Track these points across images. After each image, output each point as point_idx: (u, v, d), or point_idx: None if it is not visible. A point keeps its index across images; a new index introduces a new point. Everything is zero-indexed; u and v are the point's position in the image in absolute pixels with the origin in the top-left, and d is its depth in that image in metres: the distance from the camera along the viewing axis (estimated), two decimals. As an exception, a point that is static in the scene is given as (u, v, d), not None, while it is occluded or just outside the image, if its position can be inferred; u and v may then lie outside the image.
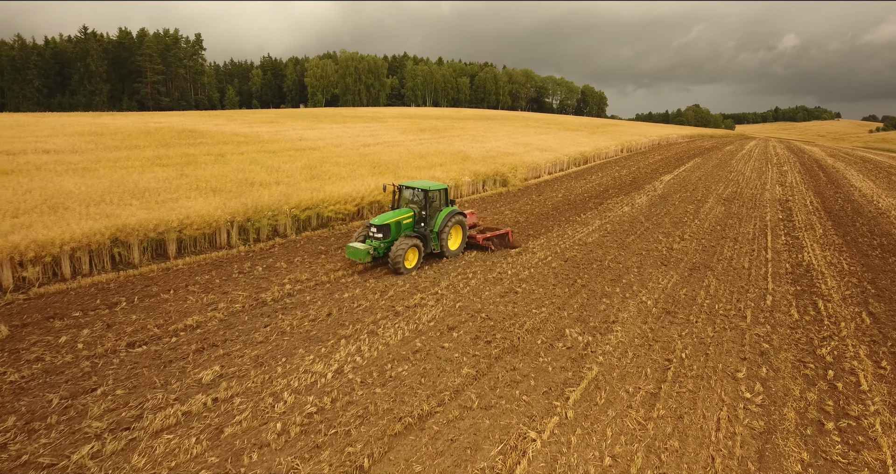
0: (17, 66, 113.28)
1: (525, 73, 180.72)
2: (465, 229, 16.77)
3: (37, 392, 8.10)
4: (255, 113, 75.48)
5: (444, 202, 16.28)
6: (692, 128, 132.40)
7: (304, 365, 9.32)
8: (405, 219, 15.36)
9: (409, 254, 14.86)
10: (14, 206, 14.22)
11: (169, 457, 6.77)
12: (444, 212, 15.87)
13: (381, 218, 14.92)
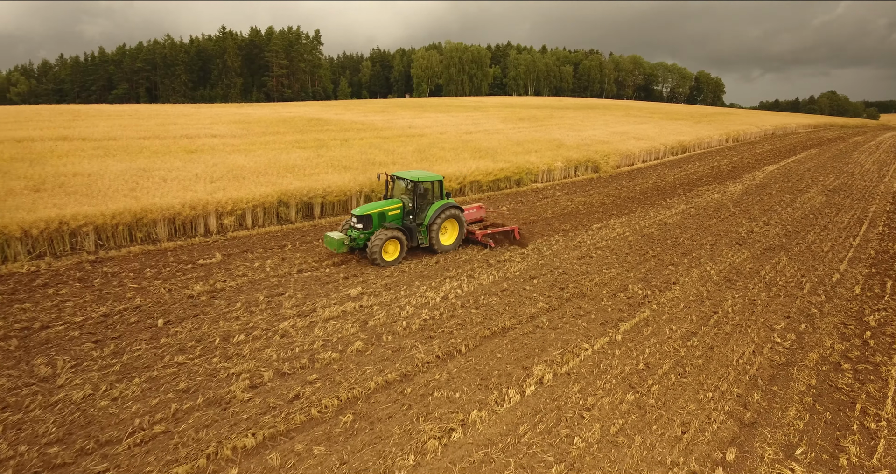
0: (168, 62, 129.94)
1: (633, 60, 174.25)
2: (462, 224, 16.01)
3: (248, 292, 12.14)
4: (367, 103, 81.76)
5: (439, 195, 15.68)
6: (820, 118, 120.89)
7: (419, 292, 12.63)
8: (391, 210, 14.92)
9: (389, 246, 14.50)
10: (209, 175, 19.08)
11: (335, 333, 10.32)
12: (436, 204, 15.24)
13: (364, 208, 14.65)
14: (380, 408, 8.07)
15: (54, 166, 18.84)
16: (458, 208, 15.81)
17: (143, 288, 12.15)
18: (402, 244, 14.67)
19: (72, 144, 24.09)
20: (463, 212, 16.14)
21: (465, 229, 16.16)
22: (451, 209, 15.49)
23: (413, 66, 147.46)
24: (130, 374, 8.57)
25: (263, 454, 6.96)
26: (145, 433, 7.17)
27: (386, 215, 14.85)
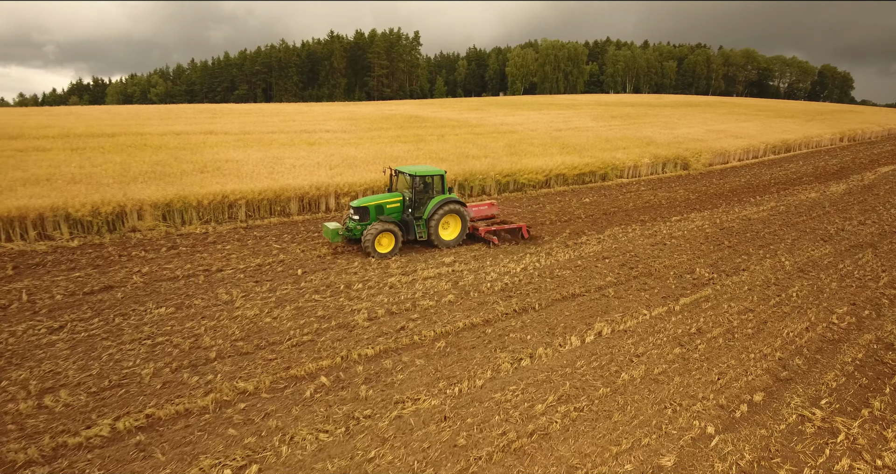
0: (282, 65, 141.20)
1: (745, 54, 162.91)
2: (465, 220, 16.03)
3: (363, 256, 14.91)
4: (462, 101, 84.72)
5: (441, 189, 15.80)
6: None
7: (503, 264, 14.73)
8: (389, 204, 15.21)
9: (383, 239, 14.77)
10: (328, 163, 22.45)
11: (431, 288, 12.70)
12: (437, 199, 15.37)
13: (362, 200, 15.11)
14: (465, 341, 10.31)
15: (209, 154, 23.14)
16: (460, 203, 15.81)
17: (283, 248, 15.35)
18: (397, 237, 14.89)
19: (217, 137, 28.83)
20: (465, 208, 16.09)
21: (468, 224, 16.17)
22: (451, 204, 15.49)
23: (508, 64, 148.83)
24: (283, 304, 11.51)
25: (379, 360, 9.44)
26: (297, 339, 9.95)
27: (384, 208, 15.12)
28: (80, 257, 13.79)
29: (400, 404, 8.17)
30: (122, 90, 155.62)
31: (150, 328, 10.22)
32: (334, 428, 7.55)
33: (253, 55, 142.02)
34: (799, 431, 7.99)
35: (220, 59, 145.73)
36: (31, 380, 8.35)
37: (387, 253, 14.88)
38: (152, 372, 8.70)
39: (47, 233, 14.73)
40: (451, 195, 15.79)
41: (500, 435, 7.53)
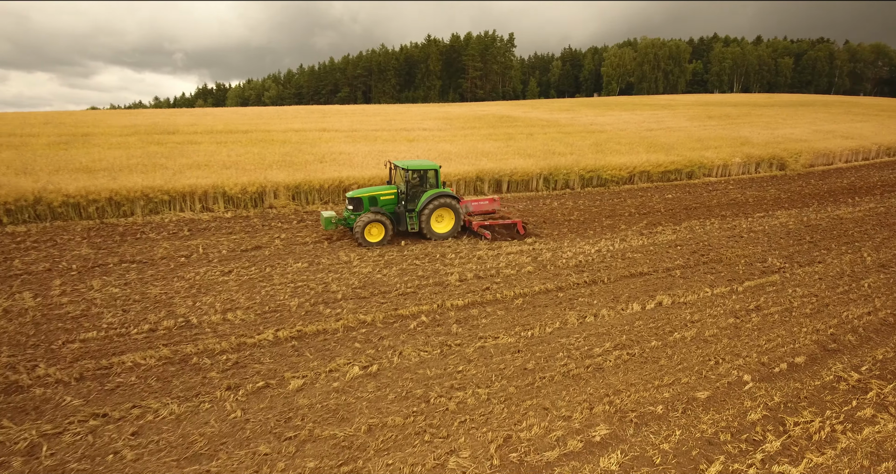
0: (381, 68, 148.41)
1: (875, 49, 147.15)
2: (458, 214, 16.53)
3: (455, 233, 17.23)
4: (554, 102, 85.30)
5: (434, 183, 16.33)
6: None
7: (578, 246, 16.39)
8: (383, 195, 15.91)
9: (373, 229, 15.51)
10: (426, 156, 25.12)
11: (513, 261, 14.69)
12: (429, 193, 15.92)
13: (357, 191, 15.96)
14: (539, 300, 12.23)
15: (325, 147, 26.72)
16: (453, 197, 16.31)
17: (388, 225, 18.11)
18: (387, 227, 15.59)
19: (330, 134, 32.69)
20: (458, 202, 16.60)
21: (461, 219, 16.70)
22: (442, 198, 16.00)
23: (604, 64, 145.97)
24: (390, 266, 14.10)
25: (467, 309, 11.64)
26: (402, 290, 12.42)
27: (378, 199, 15.83)
28: (234, 225, 17.37)
29: (482, 339, 10.31)
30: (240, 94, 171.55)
31: (291, 276, 13.19)
32: (431, 349, 9.84)
33: (355, 59, 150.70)
34: (832, 387, 9.10)
35: (326, 63, 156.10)
36: (216, 303, 11.48)
37: (376, 242, 15.62)
38: (297, 304, 11.54)
39: (208, 206, 18.53)
40: (445, 189, 16.38)
41: (561, 365, 9.43)
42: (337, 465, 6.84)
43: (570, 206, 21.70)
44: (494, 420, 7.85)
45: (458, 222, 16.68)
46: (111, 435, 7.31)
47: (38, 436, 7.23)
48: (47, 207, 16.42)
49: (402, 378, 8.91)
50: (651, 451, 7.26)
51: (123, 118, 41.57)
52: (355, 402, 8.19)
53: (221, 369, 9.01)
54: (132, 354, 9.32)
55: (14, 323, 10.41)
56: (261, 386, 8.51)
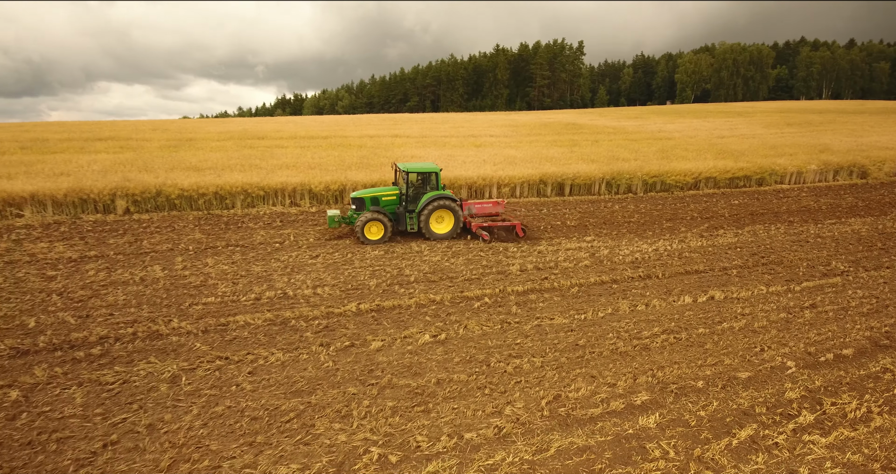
0: (449, 77, 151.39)
1: None
2: (458, 215, 16.93)
3: (517, 231, 18.40)
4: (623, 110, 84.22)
5: (435, 185, 16.93)
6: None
7: (636, 244, 17.09)
8: (385, 196, 16.68)
9: (372, 227, 16.28)
10: (492, 160, 26.46)
11: (571, 256, 15.65)
12: (429, 194, 16.54)
13: (360, 192, 16.90)
14: (594, 290, 13.17)
15: (398, 151, 28.68)
16: (452, 200, 16.75)
17: (455, 222, 19.56)
18: (386, 226, 16.33)
19: (401, 139, 34.78)
20: (458, 204, 16.99)
21: (460, 220, 17.11)
22: (441, 200, 16.55)
23: (678, 71, 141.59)
24: (457, 256, 15.50)
25: (526, 295, 12.78)
26: (468, 276, 13.76)
27: (380, 200, 16.64)
28: (318, 218, 19.45)
29: (539, 319, 11.43)
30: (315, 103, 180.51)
31: (370, 261, 14.90)
32: (493, 325, 11.10)
33: (424, 70, 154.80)
34: (876, 377, 9.48)
35: (396, 73, 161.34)
36: (307, 280, 13.32)
37: (376, 240, 16.34)
38: (375, 284, 13.16)
39: (296, 201, 20.77)
40: (444, 192, 16.88)
41: (610, 343, 10.39)
42: (411, 406, 8.23)
43: (631, 210, 22.26)
44: (546, 382, 8.98)
45: (457, 223, 17.09)
46: (233, 372, 9.10)
47: (178, 370, 9.14)
48: (165, 199, 19.17)
49: (466, 345, 10.22)
50: (688, 416, 8.12)
51: (218, 126, 45.92)
52: (426, 362, 9.58)
53: (315, 331, 10.70)
54: (243, 316, 11.22)
55: (150, 288, 12.69)
56: (347, 345, 10.10)
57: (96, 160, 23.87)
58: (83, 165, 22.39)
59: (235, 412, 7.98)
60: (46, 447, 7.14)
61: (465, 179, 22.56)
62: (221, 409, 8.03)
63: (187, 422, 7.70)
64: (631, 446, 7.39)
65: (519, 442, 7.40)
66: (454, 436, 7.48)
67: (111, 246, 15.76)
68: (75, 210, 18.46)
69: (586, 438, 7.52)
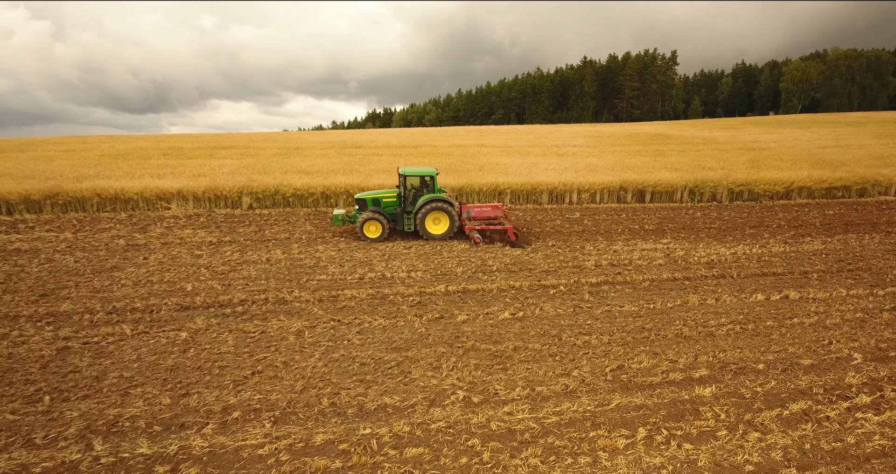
0: (535, 90, 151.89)
1: None
2: (453, 217, 17.69)
3: (592, 232, 19.30)
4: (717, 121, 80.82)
5: (431, 188, 17.83)
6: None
7: (713, 248, 17.45)
8: (386, 198, 17.87)
9: (370, 226, 17.48)
10: (573, 168, 27.42)
11: (646, 255, 16.40)
12: (425, 196, 17.48)
13: (363, 194, 18.10)
14: (665, 285, 13.95)
15: (483, 159, 30.43)
16: (446, 202, 17.59)
17: (538, 221, 20.81)
18: (383, 225, 17.49)
19: (486, 148, 36.54)
20: (451, 206, 17.71)
21: (456, 221, 17.89)
22: (436, 202, 17.44)
23: (783, 79, 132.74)
24: (536, 251, 16.82)
25: (599, 286, 13.84)
26: (545, 268, 15.03)
27: (380, 201, 17.86)
28: (410, 217, 21.54)
29: (609, 306, 12.48)
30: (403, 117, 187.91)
31: (456, 253, 16.60)
32: (566, 308, 12.31)
33: (510, 83, 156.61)
34: (950, 373, 9.63)
35: (482, 87, 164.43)
36: (402, 266, 15.24)
37: (374, 238, 17.54)
38: (461, 271, 14.81)
39: (390, 202, 23.03)
40: (439, 194, 17.80)
41: (676, 329, 11.24)
42: (491, 365, 9.69)
43: (713, 216, 22.33)
44: (612, 355, 10.09)
45: (453, 224, 17.88)
46: (344, 331, 11.06)
47: (301, 327, 11.24)
48: (282, 197, 22.13)
49: (540, 323, 11.53)
50: (743, 390, 8.91)
51: (319, 137, 50.33)
52: (505, 333, 11.02)
53: (409, 305, 12.50)
54: (349, 290, 13.28)
55: (274, 267, 15.18)
56: (437, 317, 11.78)
57: (224, 164, 27.72)
58: (214, 168, 26.17)
59: (348, 358, 9.87)
60: (211, 371, 9.37)
61: (545, 185, 23.77)
62: (337, 356, 9.96)
63: (312, 363, 9.68)
64: (685, 408, 8.37)
65: (583, 398, 8.62)
66: (527, 388, 8.86)
67: (240, 233, 18.69)
68: (210, 204, 21.85)
69: (644, 399, 8.59)
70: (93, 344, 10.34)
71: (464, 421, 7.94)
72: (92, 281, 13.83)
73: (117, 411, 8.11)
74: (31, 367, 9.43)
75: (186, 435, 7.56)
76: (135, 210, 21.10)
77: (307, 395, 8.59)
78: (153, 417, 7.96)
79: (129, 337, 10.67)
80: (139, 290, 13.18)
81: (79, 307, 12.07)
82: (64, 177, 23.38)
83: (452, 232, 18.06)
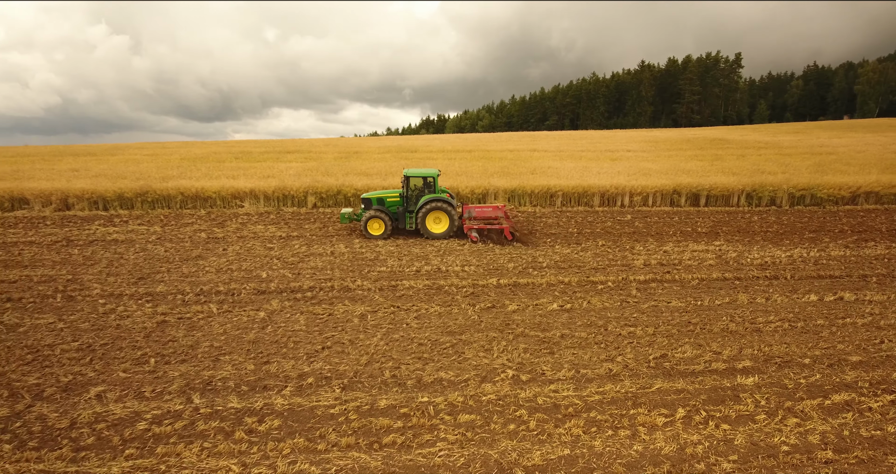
0: (590, 96, 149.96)
1: None
2: (452, 217, 18.29)
3: (644, 234, 19.53)
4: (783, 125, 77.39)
5: (433, 189, 18.56)
6: None
7: (768, 250, 17.33)
8: (390, 197, 18.84)
9: (374, 223, 18.51)
10: (626, 172, 27.53)
11: (697, 256, 16.53)
12: (426, 197, 18.25)
13: (368, 193, 19.17)
14: (715, 284, 14.13)
15: (535, 163, 30.97)
16: (446, 202, 18.24)
17: (588, 222, 21.23)
18: (385, 223, 18.45)
19: (539, 153, 37.02)
20: (451, 206, 18.28)
21: (456, 221, 18.47)
22: (437, 202, 18.18)
23: (858, 81, 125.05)
24: (586, 250, 17.30)
25: (647, 283, 14.20)
26: (595, 266, 15.52)
27: (385, 200, 18.89)
28: (463, 217, 22.47)
29: (656, 301, 12.87)
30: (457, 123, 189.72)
31: (508, 250, 17.34)
32: (613, 302, 12.80)
33: (564, 89, 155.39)
34: None
35: (536, 93, 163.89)
36: (456, 261, 16.14)
37: (378, 235, 18.56)
38: (513, 266, 15.54)
39: (444, 203, 24.03)
40: (440, 194, 18.50)
41: (722, 324, 11.52)
42: (539, 349, 10.38)
43: (770, 221, 21.95)
44: (656, 345, 10.55)
45: (452, 224, 18.53)
46: (403, 316, 12.05)
47: (364, 311, 12.32)
48: (343, 197, 23.58)
49: (587, 314, 12.11)
50: (787, 381, 9.18)
51: (376, 142, 52.31)
52: (553, 322, 11.67)
53: (463, 295, 13.36)
54: (407, 281, 14.29)
55: (338, 259, 16.45)
56: (489, 306, 12.58)
57: (290, 167, 29.65)
58: (282, 170, 28.09)
59: (407, 339, 10.82)
60: (287, 345, 10.55)
61: (597, 188, 24.07)
62: (397, 336, 10.93)
63: (374, 342, 10.70)
64: (725, 394, 8.77)
65: (626, 381, 9.18)
66: (572, 370, 9.50)
67: (307, 229, 20.18)
68: (278, 203, 23.59)
69: (685, 385, 9.05)
70: (186, 319, 11.80)
71: (512, 395, 8.69)
72: (181, 267, 15.53)
73: (210, 373, 9.38)
74: (137, 336, 10.94)
75: (269, 395, 8.70)
76: (213, 207, 23.08)
77: (371, 368, 9.59)
78: (240, 379, 9.17)
79: (216, 314, 12.08)
80: (221, 276, 14.72)
81: (172, 289, 13.68)
82: (151, 177, 25.84)
83: (452, 231, 18.70)
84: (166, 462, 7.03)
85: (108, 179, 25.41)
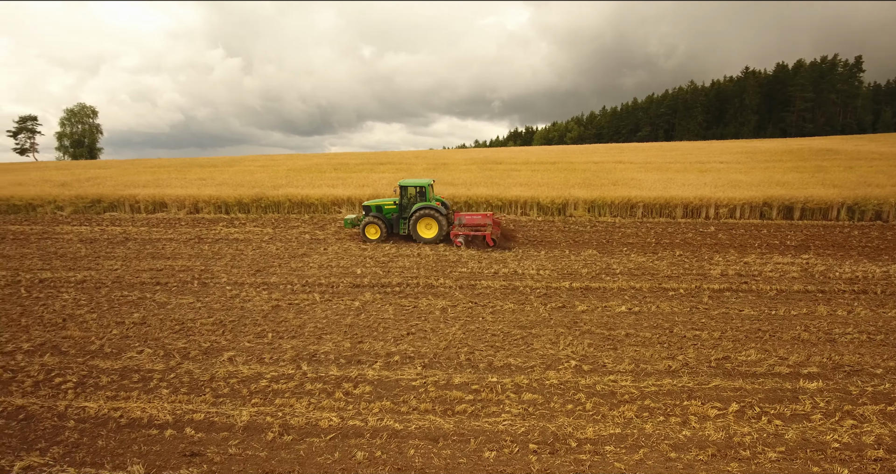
0: (687, 105, 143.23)
1: None
2: (441, 223, 19.64)
3: (725, 245, 19.35)
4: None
5: (425, 197, 19.96)
6: None
7: (861, 265, 16.62)
8: (387, 205, 20.50)
9: (371, 229, 20.30)
10: (714, 184, 26.99)
11: (779, 269, 16.29)
12: (417, 204, 19.74)
13: (369, 201, 21.02)
14: (794, 296, 14.01)
15: (619, 174, 31.11)
16: (435, 210, 19.69)
17: (669, 233, 21.31)
18: (381, 229, 20.20)
19: (624, 165, 36.90)
20: (440, 214, 19.73)
21: (444, 227, 19.81)
22: (426, 209, 19.71)
23: None
24: (662, 259, 17.60)
25: (721, 292, 14.38)
26: (669, 274, 15.87)
27: (383, 208, 20.61)
28: (543, 225, 23.37)
29: (727, 308, 13.11)
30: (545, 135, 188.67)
31: (583, 257, 18.11)
32: (682, 308, 13.23)
33: (659, 98, 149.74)
34: None
35: (628, 103, 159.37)
36: (532, 265, 17.17)
37: (375, 239, 20.38)
38: (586, 271, 16.31)
39: (525, 211, 25.09)
40: (430, 203, 19.92)
41: (794, 333, 11.61)
42: (603, 345, 11.20)
43: (872, 236, 20.73)
44: (720, 347, 10.97)
45: (441, 229, 19.97)
46: (479, 311, 13.32)
47: (445, 305, 13.74)
48: (430, 205, 25.38)
49: (655, 317, 12.68)
50: (851, 388, 9.32)
51: (462, 154, 54.33)
52: (619, 322, 12.39)
53: (536, 295, 14.39)
54: (485, 281, 15.56)
55: (423, 260, 18.09)
56: (560, 306, 13.52)
57: (383, 177, 32.15)
58: (375, 180, 30.59)
59: (481, 330, 12.08)
60: (377, 329, 12.20)
61: (679, 199, 23.96)
62: (473, 328, 12.22)
63: (453, 331, 12.06)
64: (784, 395, 9.14)
65: (684, 377, 9.79)
66: (633, 364, 10.26)
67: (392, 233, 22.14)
68: (371, 210, 25.89)
69: (744, 384, 9.50)
70: (295, 304, 13.88)
71: (573, 381, 9.64)
72: (289, 263, 17.92)
73: (315, 347, 11.20)
74: (256, 316, 13.10)
75: (362, 367, 10.32)
76: (315, 212, 25.84)
77: (449, 352, 10.94)
78: (339, 354, 10.89)
79: (319, 302, 14.07)
80: (322, 271, 16.85)
81: (282, 280, 15.97)
82: (264, 186, 29.30)
83: (441, 236, 20.16)
84: (283, 410, 8.78)
85: (230, 187, 29.16)
